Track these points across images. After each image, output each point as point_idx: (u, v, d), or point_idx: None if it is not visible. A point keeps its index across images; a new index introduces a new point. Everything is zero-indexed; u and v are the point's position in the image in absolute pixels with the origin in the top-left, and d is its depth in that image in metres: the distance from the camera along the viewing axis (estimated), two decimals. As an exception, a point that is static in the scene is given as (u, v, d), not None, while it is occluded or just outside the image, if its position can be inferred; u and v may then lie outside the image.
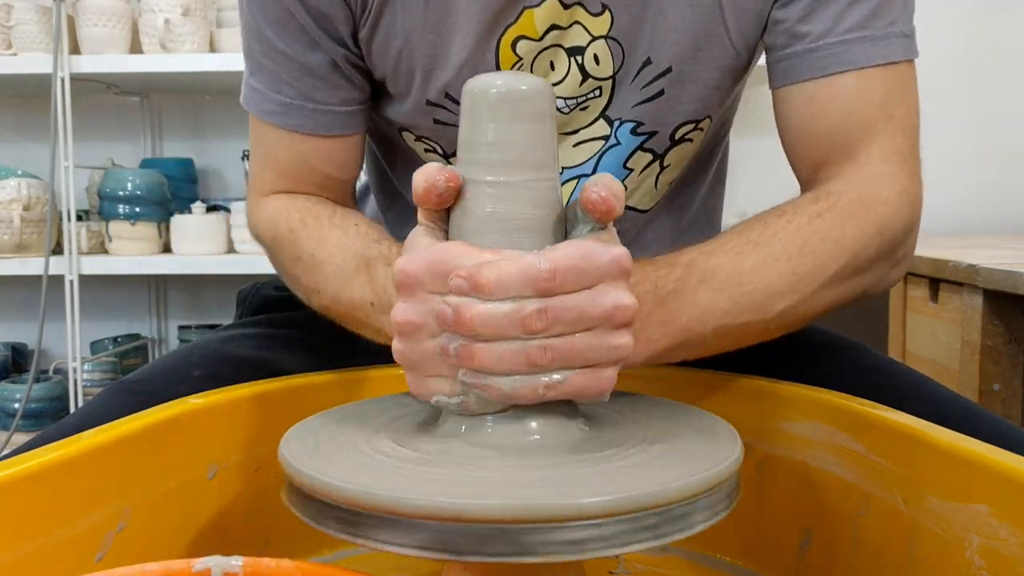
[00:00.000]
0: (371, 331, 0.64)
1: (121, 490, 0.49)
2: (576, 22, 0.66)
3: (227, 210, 2.09)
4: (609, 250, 0.44)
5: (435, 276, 0.44)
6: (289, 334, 0.75)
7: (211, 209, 2.08)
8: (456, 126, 0.70)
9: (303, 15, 0.68)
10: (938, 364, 1.31)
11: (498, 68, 0.67)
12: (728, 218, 2.21)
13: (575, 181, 0.73)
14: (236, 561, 0.33)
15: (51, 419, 1.96)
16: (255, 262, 1.97)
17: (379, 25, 0.68)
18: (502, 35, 0.66)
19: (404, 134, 0.75)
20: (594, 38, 0.67)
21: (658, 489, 0.40)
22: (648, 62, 0.67)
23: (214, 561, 0.33)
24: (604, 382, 0.45)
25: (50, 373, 2.16)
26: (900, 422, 0.50)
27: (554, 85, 0.68)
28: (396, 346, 0.47)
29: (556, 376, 0.44)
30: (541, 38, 0.66)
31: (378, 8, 0.67)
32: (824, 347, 0.72)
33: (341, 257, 0.66)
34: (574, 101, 0.69)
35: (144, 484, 0.51)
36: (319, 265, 0.67)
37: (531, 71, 0.67)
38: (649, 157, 0.73)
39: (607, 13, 0.66)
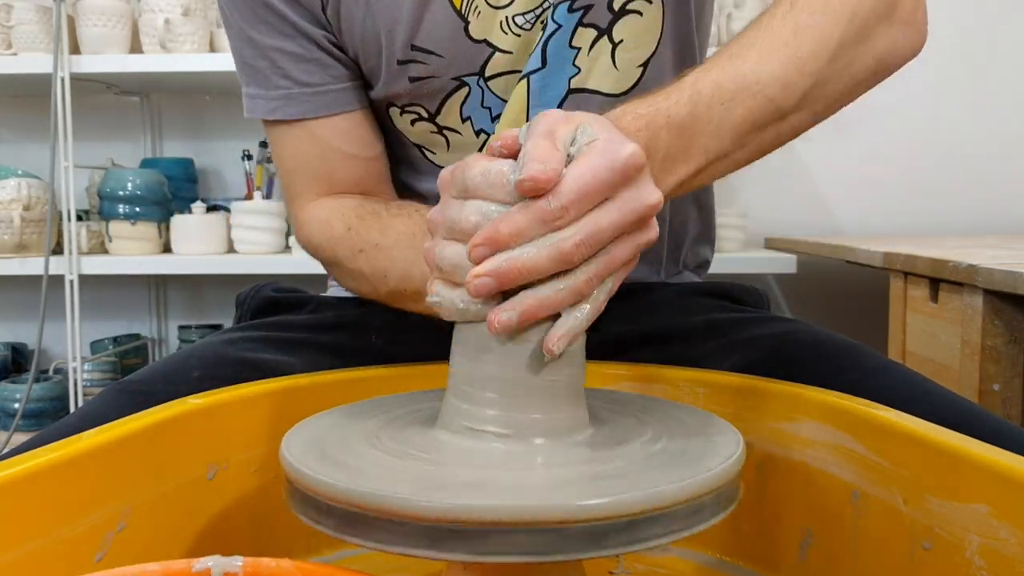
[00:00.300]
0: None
1: (121, 490, 0.49)
2: None
3: (227, 210, 2.09)
4: (615, 156, 0.44)
5: (455, 179, 0.46)
6: (289, 337, 0.75)
7: (211, 209, 2.08)
8: (432, 77, 0.73)
9: (282, 8, 0.72)
10: (938, 364, 1.31)
11: (451, 3, 0.70)
12: (730, 219, 2.20)
13: (526, 80, 0.73)
14: (236, 561, 0.33)
15: (51, 419, 1.96)
16: (255, 262, 1.97)
17: (342, 1, 0.71)
18: None
19: (391, 110, 0.77)
20: None
21: (659, 490, 0.40)
22: None
23: (214, 561, 0.33)
24: (644, 245, 0.46)
25: (50, 373, 2.16)
26: (900, 422, 0.50)
27: (508, 6, 0.71)
28: (425, 244, 0.48)
29: (610, 281, 0.45)
30: None
31: None
32: (824, 348, 0.72)
33: (407, 240, 0.68)
34: (532, 15, 0.71)
35: (144, 484, 0.51)
36: (385, 251, 0.69)
37: None
38: (594, 32, 0.73)
39: None
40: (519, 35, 0.72)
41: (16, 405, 1.99)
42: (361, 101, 0.77)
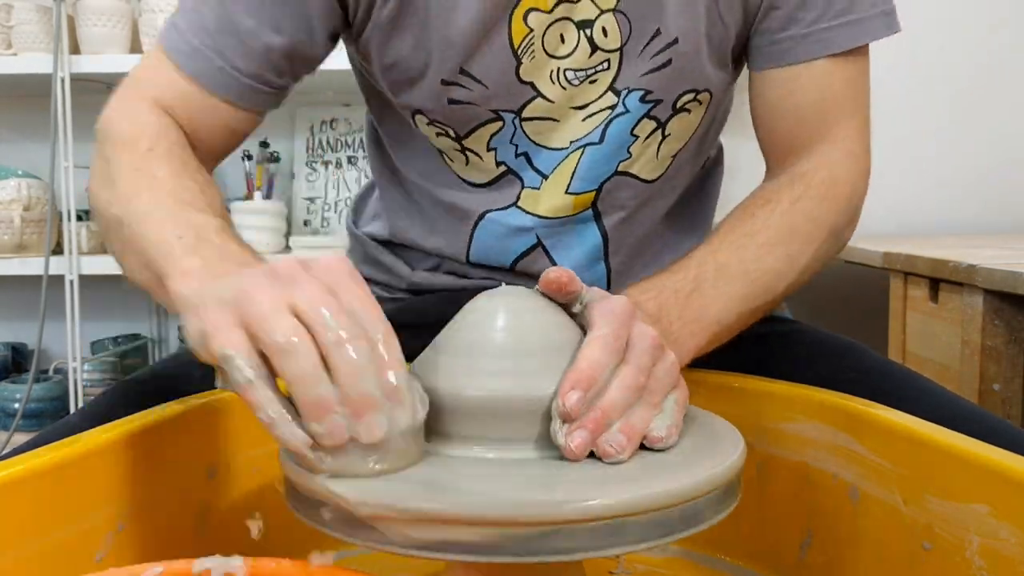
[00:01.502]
0: (138, 259, 0.58)
1: (121, 490, 0.49)
2: None
3: (227, 210, 2.09)
4: (615, 300, 0.49)
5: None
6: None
7: (211, 209, 2.08)
8: (471, 104, 0.72)
9: None
10: (938, 364, 1.31)
11: (511, 41, 0.69)
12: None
13: (581, 150, 0.74)
14: (236, 561, 0.33)
15: (51, 419, 1.96)
16: (255, 262, 1.97)
17: (401, 10, 0.69)
18: (515, 8, 0.68)
19: (417, 117, 0.75)
20: (602, 11, 0.69)
21: (659, 490, 0.40)
22: (658, 32, 0.69)
23: (214, 561, 0.33)
24: (685, 385, 0.50)
25: (50, 373, 2.16)
26: (900, 422, 0.50)
27: (563, 58, 0.70)
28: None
29: (668, 403, 0.48)
30: (551, 10, 0.68)
31: None
32: (823, 348, 0.72)
33: (179, 195, 0.61)
34: (583, 73, 0.71)
35: (144, 484, 0.51)
36: (154, 187, 0.61)
37: (542, 44, 0.69)
38: (653, 125, 0.74)
39: None
40: (565, 88, 0.72)
41: (16, 405, 1.99)
42: (252, 104, 0.72)
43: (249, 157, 2.13)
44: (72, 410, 1.90)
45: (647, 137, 0.75)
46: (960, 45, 2.07)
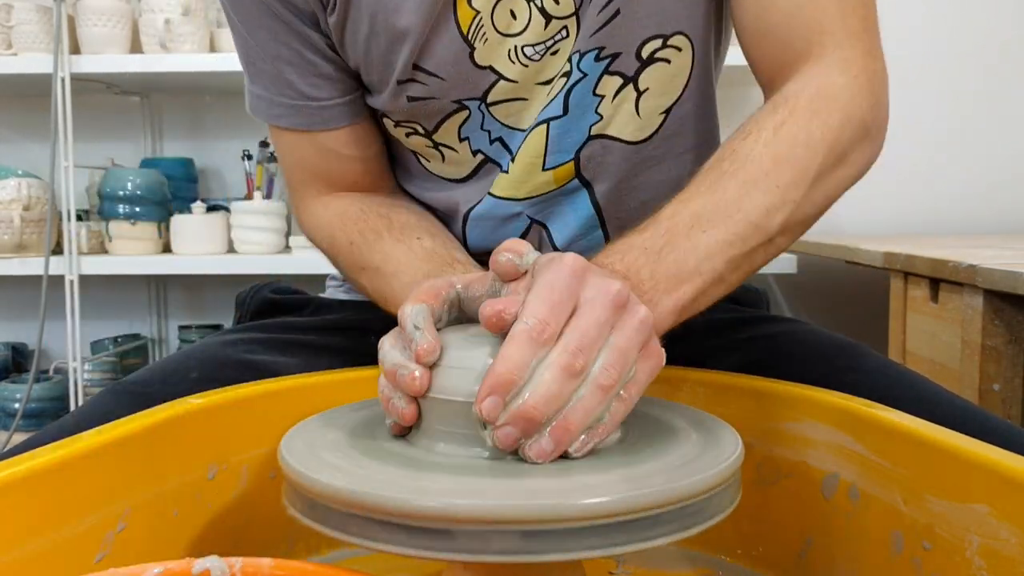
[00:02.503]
0: None
1: (121, 490, 0.49)
2: None
3: (227, 210, 2.09)
4: (561, 263, 0.45)
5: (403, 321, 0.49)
6: (288, 339, 0.75)
7: (211, 209, 2.08)
8: (432, 98, 0.72)
9: (286, 13, 0.70)
10: (938, 364, 1.31)
11: (459, 27, 0.68)
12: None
13: (546, 125, 0.72)
14: (236, 562, 0.33)
15: (51, 419, 1.96)
16: (255, 262, 1.97)
17: (347, 15, 0.69)
18: None
19: (384, 120, 0.76)
20: None
21: (658, 490, 0.40)
22: None
23: (214, 561, 0.33)
24: (657, 353, 0.46)
25: (50, 373, 2.16)
26: (900, 422, 0.50)
27: (518, 34, 0.68)
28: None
29: (630, 377, 0.44)
30: None
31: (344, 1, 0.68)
32: (824, 348, 0.72)
33: (410, 275, 0.68)
34: (543, 46, 0.69)
35: (144, 484, 0.51)
36: (387, 278, 0.70)
37: (492, 23, 0.68)
38: (619, 81, 0.71)
39: None
40: (527, 65, 0.70)
41: (16, 405, 1.99)
42: (364, 111, 0.77)
43: (249, 157, 2.14)
44: (72, 410, 1.90)
45: (616, 95, 0.71)
46: (962, 48, 2.07)
